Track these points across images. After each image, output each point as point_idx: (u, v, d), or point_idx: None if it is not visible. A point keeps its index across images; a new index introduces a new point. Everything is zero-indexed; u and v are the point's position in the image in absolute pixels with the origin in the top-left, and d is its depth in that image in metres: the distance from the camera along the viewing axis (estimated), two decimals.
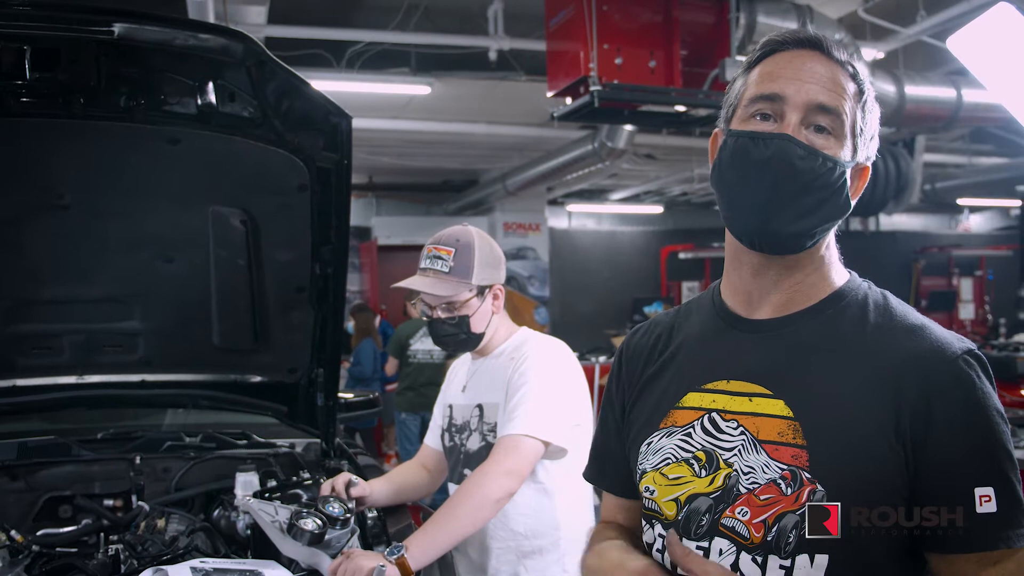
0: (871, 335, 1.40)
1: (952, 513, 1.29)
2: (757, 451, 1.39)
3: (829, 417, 1.35)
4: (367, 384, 9.21)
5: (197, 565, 2.34)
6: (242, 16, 6.81)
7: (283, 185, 2.85)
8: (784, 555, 1.33)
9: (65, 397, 3.40)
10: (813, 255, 1.46)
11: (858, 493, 1.31)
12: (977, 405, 1.31)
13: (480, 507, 2.48)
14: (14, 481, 3.14)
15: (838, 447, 1.33)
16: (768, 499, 1.35)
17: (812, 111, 1.40)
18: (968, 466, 1.30)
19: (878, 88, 6.64)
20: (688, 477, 1.45)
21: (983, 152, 11.76)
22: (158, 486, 3.21)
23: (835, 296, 1.47)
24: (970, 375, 1.33)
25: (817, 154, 1.38)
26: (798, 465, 1.34)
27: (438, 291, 2.65)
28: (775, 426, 1.38)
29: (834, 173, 1.38)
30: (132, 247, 3.02)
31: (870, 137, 1.46)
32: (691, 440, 1.47)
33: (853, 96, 1.43)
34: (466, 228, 2.76)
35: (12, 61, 2.48)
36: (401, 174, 13.35)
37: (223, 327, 3.22)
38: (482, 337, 2.73)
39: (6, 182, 2.79)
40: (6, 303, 3.09)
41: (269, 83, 2.59)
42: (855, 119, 1.43)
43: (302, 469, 3.26)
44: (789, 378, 1.41)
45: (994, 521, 1.27)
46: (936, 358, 1.34)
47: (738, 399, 1.44)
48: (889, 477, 1.31)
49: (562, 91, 6.29)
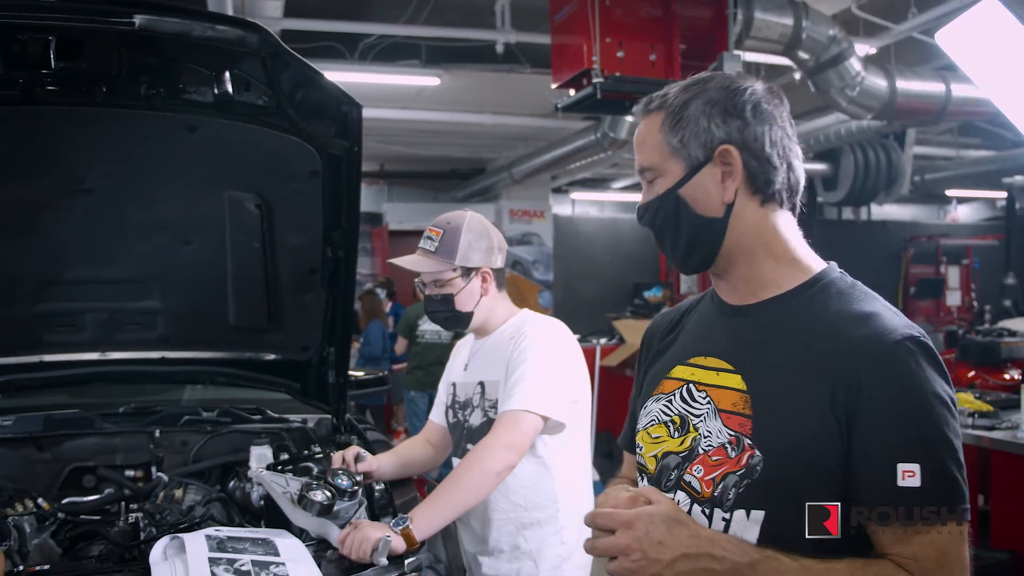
0: (827, 321, 1.46)
1: (874, 483, 1.34)
2: (715, 418, 1.51)
3: (774, 391, 1.45)
4: (377, 363, 9.23)
5: (212, 533, 2.35)
6: (259, 9, 6.80)
7: (296, 171, 2.85)
8: (725, 509, 1.45)
9: (88, 372, 3.42)
10: (740, 248, 1.54)
11: (791, 458, 1.39)
12: (909, 387, 1.35)
13: (482, 480, 2.50)
14: (40, 452, 3.18)
15: (776, 418, 1.43)
16: (717, 460, 1.48)
17: (642, 174, 1.59)
18: (892, 441, 1.34)
19: (870, 83, 6.63)
20: (664, 437, 1.60)
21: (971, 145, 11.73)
22: (176, 458, 3.24)
23: (804, 286, 1.53)
24: (906, 359, 1.36)
25: (646, 204, 1.58)
26: (742, 432, 1.46)
27: (421, 268, 2.70)
28: (731, 397, 1.50)
29: (661, 208, 1.55)
30: (151, 230, 3.03)
31: (701, 130, 1.50)
32: (671, 406, 1.61)
33: (656, 129, 1.54)
34: (462, 213, 2.77)
35: (37, 51, 2.48)
36: (411, 162, 13.34)
37: (238, 307, 3.24)
38: (470, 316, 2.74)
39: (32, 167, 2.81)
40: (33, 283, 3.11)
41: (283, 73, 2.58)
42: (666, 145, 1.53)
43: (313, 443, 3.29)
44: (748, 356, 1.52)
45: (916, 497, 1.31)
46: (876, 341, 1.38)
47: (709, 373, 1.57)
48: (822, 446, 1.37)
49: (566, 83, 6.26)
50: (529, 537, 2.63)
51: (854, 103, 6.68)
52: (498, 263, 2.78)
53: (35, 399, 3.56)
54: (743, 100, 1.50)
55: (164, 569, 2.13)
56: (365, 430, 3.47)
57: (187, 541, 2.26)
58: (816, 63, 6.46)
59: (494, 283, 2.76)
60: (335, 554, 2.40)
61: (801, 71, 6.86)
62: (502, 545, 2.65)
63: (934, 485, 1.31)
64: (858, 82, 6.50)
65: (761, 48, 6.35)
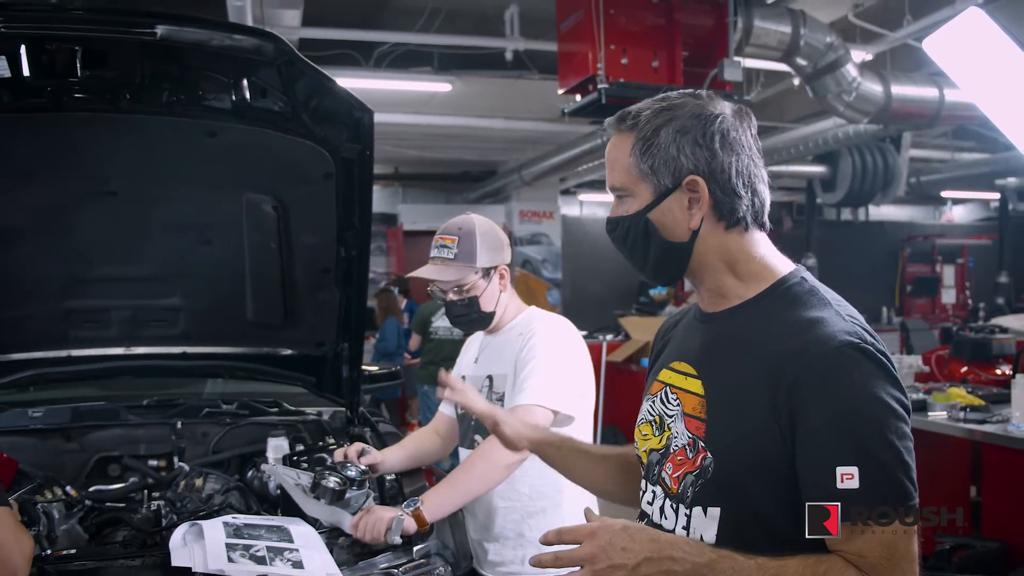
0: (776, 328, 1.47)
1: (815, 486, 1.34)
2: (681, 421, 1.56)
3: (726, 396, 1.49)
4: (391, 358, 9.25)
5: (229, 520, 2.37)
6: (278, 19, 6.80)
7: (311, 174, 2.86)
8: (687, 505, 1.51)
9: (114, 367, 3.44)
10: (704, 266, 1.56)
11: (737, 460, 1.43)
12: (847, 392, 1.35)
13: (492, 470, 2.51)
14: (68, 442, 3.22)
15: (725, 421, 1.47)
16: (680, 460, 1.53)
17: (612, 191, 1.60)
18: (832, 446, 1.34)
19: (866, 88, 6.61)
20: (649, 435, 1.65)
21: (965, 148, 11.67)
22: (197, 449, 3.26)
23: (763, 294, 1.54)
24: (845, 365, 1.36)
25: (616, 220, 1.59)
26: (698, 435, 1.50)
27: (445, 276, 2.67)
28: (692, 401, 1.54)
29: (628, 227, 1.56)
30: (173, 230, 3.05)
31: (671, 157, 1.50)
32: (654, 406, 1.65)
33: (627, 151, 1.54)
34: (468, 217, 2.76)
35: (65, 61, 2.50)
36: (425, 165, 13.36)
37: (256, 304, 3.24)
38: (493, 315, 2.74)
39: (60, 171, 2.83)
40: (61, 281, 3.13)
41: (298, 80, 2.59)
42: (635, 167, 1.53)
43: (328, 435, 3.29)
44: (708, 362, 1.56)
45: (855, 498, 1.31)
46: (816, 347, 1.38)
47: (680, 377, 1.60)
48: (765, 449, 1.40)
49: (572, 89, 6.28)
50: (533, 525, 2.64)
51: (851, 108, 6.66)
52: (508, 258, 2.78)
53: (63, 392, 3.58)
54: (712, 130, 1.49)
55: (183, 554, 2.16)
56: (377, 422, 3.49)
57: (206, 528, 2.28)
58: (814, 69, 6.44)
59: (508, 278, 2.78)
60: (347, 541, 2.42)
61: (799, 77, 6.85)
62: (507, 532, 2.66)
63: (873, 486, 1.31)
64: (854, 87, 6.49)
65: (760, 55, 6.34)
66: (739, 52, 6.07)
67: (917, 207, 17.79)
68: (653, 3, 6.11)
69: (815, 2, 7.01)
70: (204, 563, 2.11)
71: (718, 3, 5.99)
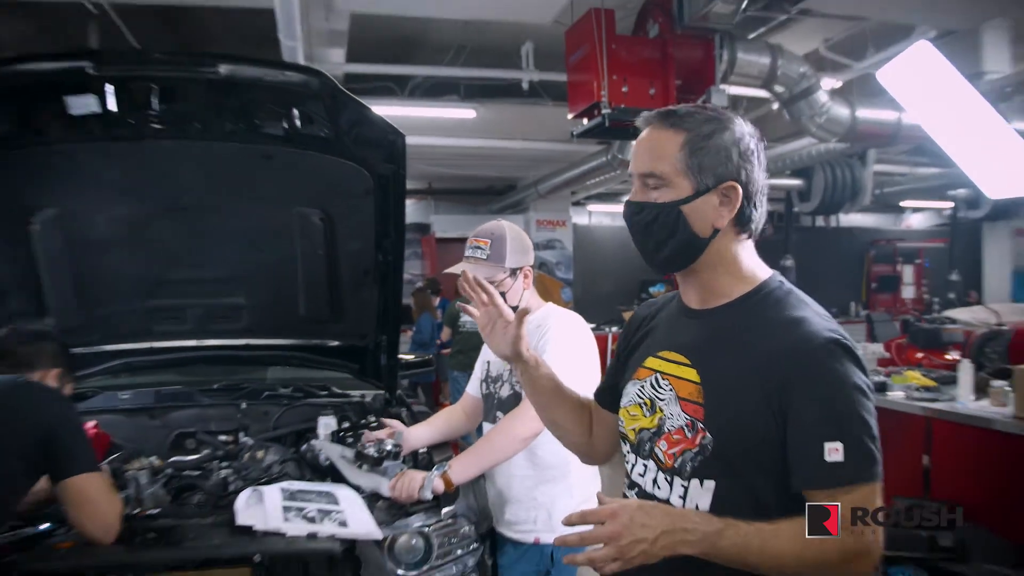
0: (764, 325, 1.48)
1: (806, 459, 1.37)
2: (676, 404, 1.53)
3: (722, 384, 1.47)
4: (426, 348, 9.26)
5: (285, 486, 2.41)
6: (325, 56, 6.83)
7: (352, 190, 2.88)
8: (684, 478, 1.48)
9: (189, 356, 3.48)
10: (707, 267, 1.54)
11: (735, 439, 1.43)
12: (831, 381, 1.38)
13: (511, 443, 2.52)
14: (152, 420, 3.27)
15: (723, 406, 1.45)
16: (678, 439, 1.50)
17: (642, 177, 1.52)
18: (820, 426, 1.36)
19: (835, 112, 6.56)
20: (640, 416, 1.61)
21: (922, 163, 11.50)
22: (259, 425, 3.29)
23: (748, 294, 1.54)
24: (828, 358, 1.39)
25: (643, 205, 1.52)
26: (696, 417, 1.48)
27: (479, 273, 2.67)
28: (688, 388, 1.51)
29: (660, 215, 1.50)
30: (236, 239, 3.09)
31: (719, 162, 1.48)
32: (644, 390, 1.61)
33: (677, 146, 1.48)
34: (500, 223, 2.76)
35: (144, 97, 2.54)
36: (454, 181, 13.34)
37: (307, 302, 3.27)
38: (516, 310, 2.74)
39: (141, 190, 2.88)
40: (144, 283, 3.18)
41: (340, 110, 2.62)
42: (682, 163, 1.48)
43: (369, 414, 3.31)
44: (702, 353, 1.53)
45: (840, 468, 1.34)
46: (803, 344, 1.41)
47: (671, 365, 1.57)
48: (760, 430, 1.40)
49: (579, 113, 6.24)
50: (544, 491, 2.63)
51: (822, 128, 6.60)
52: (532, 261, 2.78)
53: (147, 377, 3.62)
54: (754, 147, 1.50)
55: (247, 515, 2.19)
56: (412, 403, 3.51)
57: (265, 492, 2.31)
58: (790, 95, 6.39)
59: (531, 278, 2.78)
60: (385, 504, 2.44)
61: (777, 102, 6.80)
62: (521, 497, 2.66)
63: (854, 457, 1.35)
64: (824, 111, 6.43)
65: (743, 83, 6.30)
66: (725, 80, 6.01)
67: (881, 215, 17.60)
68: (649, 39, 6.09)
69: (791, 37, 6.97)
70: (264, 522, 2.15)
71: (706, 38, 5.93)
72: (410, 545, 2.30)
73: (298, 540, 2.12)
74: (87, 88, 2.47)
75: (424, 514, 2.41)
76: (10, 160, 2.64)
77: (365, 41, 7.30)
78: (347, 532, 2.17)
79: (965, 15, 6.22)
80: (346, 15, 6.18)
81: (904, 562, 3.70)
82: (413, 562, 2.29)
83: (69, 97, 2.48)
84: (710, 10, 5.45)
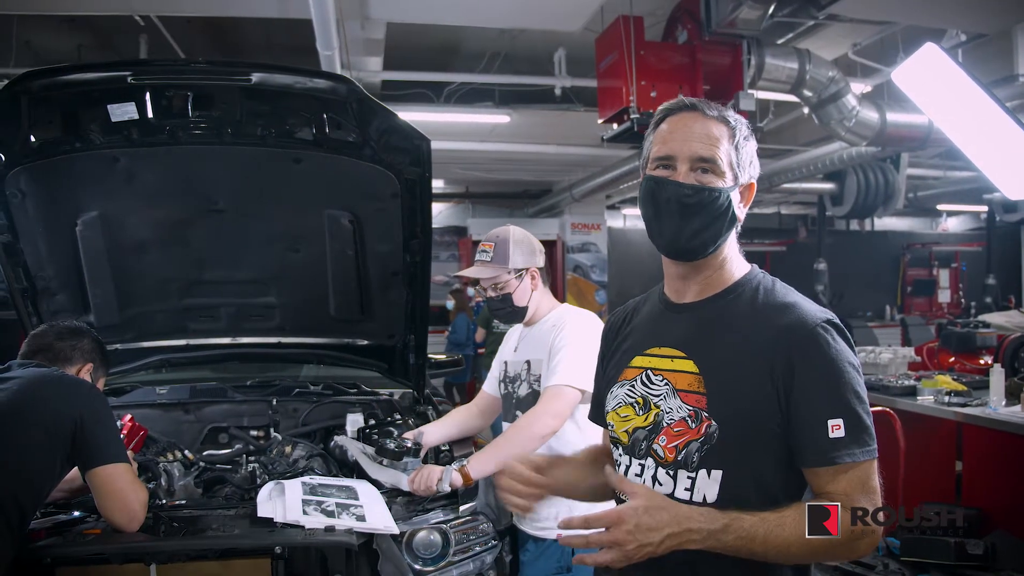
0: (757, 312, 1.50)
1: (811, 437, 1.39)
2: (674, 397, 1.51)
3: (722, 372, 1.47)
4: (461, 348, 9.25)
5: (306, 480, 2.43)
6: (363, 65, 6.88)
7: (380, 193, 2.90)
8: (691, 470, 1.46)
9: (223, 353, 3.53)
10: (715, 257, 1.55)
11: (740, 425, 1.43)
12: (830, 360, 1.41)
13: (529, 440, 2.52)
14: (187, 414, 3.31)
15: (726, 393, 1.45)
16: (679, 431, 1.48)
17: (695, 161, 1.49)
18: (822, 403, 1.39)
19: (864, 116, 6.44)
20: (632, 416, 1.58)
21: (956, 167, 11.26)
22: (289, 422, 3.31)
23: (735, 285, 1.56)
24: (825, 338, 1.42)
25: (701, 189, 1.49)
26: (700, 407, 1.47)
27: (483, 274, 2.70)
28: (686, 379, 1.50)
29: (718, 200, 1.49)
30: (269, 241, 3.12)
31: (748, 163, 1.54)
32: (634, 390, 1.59)
33: (727, 139, 1.51)
34: (506, 227, 2.77)
35: (180, 104, 2.60)
36: (490, 185, 13.36)
37: (337, 302, 3.29)
38: (526, 310, 2.74)
39: (178, 193, 2.93)
40: (181, 283, 3.23)
41: (367, 115, 2.64)
42: (730, 156, 1.51)
43: (396, 412, 3.32)
44: (697, 345, 1.52)
45: (843, 443, 1.38)
46: (799, 326, 1.44)
47: (664, 360, 1.56)
48: (764, 414, 1.42)
49: (609, 118, 6.23)
50: None
51: (851, 132, 6.49)
52: (540, 263, 2.79)
53: (183, 373, 3.66)
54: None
55: (267, 507, 2.22)
56: (439, 402, 3.51)
57: (287, 486, 2.34)
58: (818, 99, 6.29)
59: (540, 279, 2.78)
60: (404, 500, 2.45)
61: (806, 106, 6.71)
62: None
63: (854, 432, 1.38)
64: (854, 115, 6.32)
65: (771, 88, 6.22)
66: (753, 85, 5.95)
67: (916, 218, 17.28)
68: (677, 45, 6.05)
69: (819, 42, 6.85)
70: (283, 515, 2.17)
71: (734, 44, 5.88)
72: (428, 540, 2.30)
73: (316, 533, 2.14)
74: (127, 96, 2.53)
75: (442, 510, 2.42)
76: (57, 165, 2.72)
77: (402, 49, 7.35)
78: (364, 526, 2.18)
79: (997, 18, 6.07)
80: (382, 24, 6.22)
81: (931, 569, 3.61)
82: (430, 557, 2.29)
83: (111, 105, 2.54)
84: (738, 16, 5.41)
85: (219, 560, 2.11)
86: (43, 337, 2.40)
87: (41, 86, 2.44)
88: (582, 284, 13.41)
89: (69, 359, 2.37)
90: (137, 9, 5.97)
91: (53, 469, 2.04)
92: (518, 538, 2.71)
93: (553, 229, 12.98)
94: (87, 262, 3.00)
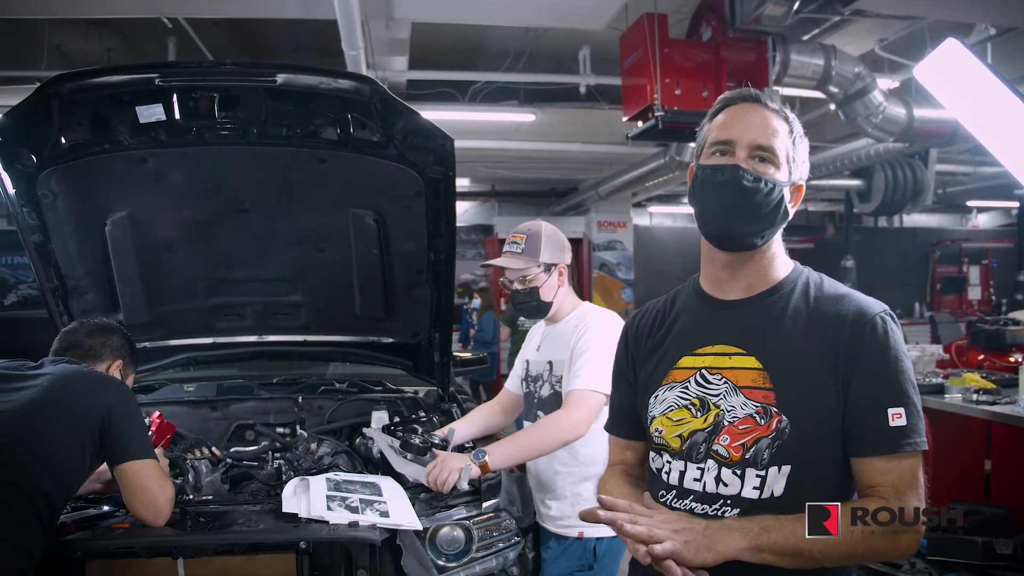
0: (813, 306, 1.50)
1: (872, 425, 1.40)
2: (737, 394, 1.48)
3: (788, 366, 1.45)
4: (488, 346, 9.24)
5: (331, 476, 2.44)
6: (389, 64, 6.89)
7: (404, 192, 2.90)
8: (760, 467, 1.44)
9: (249, 351, 3.55)
10: (765, 251, 1.54)
11: (811, 418, 1.42)
12: (890, 349, 1.42)
13: (551, 442, 2.53)
14: (214, 411, 3.34)
15: (795, 388, 1.43)
16: (746, 428, 1.45)
17: (754, 148, 1.48)
18: (884, 392, 1.40)
19: (891, 112, 6.35)
20: (688, 418, 1.53)
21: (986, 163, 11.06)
22: (315, 419, 3.33)
23: (785, 280, 1.55)
24: (885, 328, 1.43)
25: (760, 177, 1.48)
26: (768, 403, 1.44)
27: (512, 265, 2.69)
28: (749, 376, 1.47)
29: (774, 191, 1.48)
30: (294, 240, 3.13)
31: (802, 162, 1.54)
32: (687, 391, 1.54)
33: (785, 134, 1.51)
34: (538, 222, 2.77)
35: (207, 106, 2.62)
36: (516, 183, 13.35)
37: (362, 300, 3.30)
38: (550, 305, 2.72)
39: (204, 193, 2.95)
40: (208, 282, 3.25)
41: (390, 115, 2.64)
42: (788, 151, 1.51)
43: (421, 409, 3.34)
44: (757, 340, 1.50)
45: (903, 432, 1.39)
46: (861, 314, 1.45)
47: (721, 358, 1.52)
48: (832, 406, 1.42)
49: (634, 116, 6.21)
50: (588, 487, 2.60)
51: (878, 128, 6.40)
52: (568, 260, 2.77)
53: (210, 371, 3.71)
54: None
55: (292, 503, 2.23)
56: (463, 400, 3.51)
57: (312, 482, 2.35)
58: (844, 96, 6.22)
59: (567, 277, 2.77)
60: (428, 495, 2.45)
61: (832, 103, 6.62)
62: (566, 492, 2.64)
63: (913, 420, 1.40)
64: (880, 111, 6.24)
65: (797, 84, 6.16)
66: (778, 82, 5.90)
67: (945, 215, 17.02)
68: (701, 42, 6.00)
69: (845, 38, 6.77)
70: (308, 510, 2.18)
71: (759, 41, 5.82)
72: (451, 536, 2.30)
73: (340, 528, 2.15)
74: (155, 98, 2.56)
75: (466, 507, 2.41)
76: (87, 166, 2.75)
77: (427, 49, 7.36)
78: (388, 522, 2.18)
79: None
80: (407, 24, 6.23)
81: (959, 568, 3.55)
82: (453, 553, 2.29)
83: (139, 107, 2.57)
84: (762, 12, 5.35)
85: (245, 555, 2.13)
86: (74, 334, 2.43)
87: (71, 88, 2.47)
88: (608, 282, 13.36)
89: (99, 356, 2.40)
90: (164, 11, 6.04)
91: (82, 464, 2.07)
92: (540, 535, 2.71)
93: (579, 227, 12.93)
94: (116, 261, 3.03)
